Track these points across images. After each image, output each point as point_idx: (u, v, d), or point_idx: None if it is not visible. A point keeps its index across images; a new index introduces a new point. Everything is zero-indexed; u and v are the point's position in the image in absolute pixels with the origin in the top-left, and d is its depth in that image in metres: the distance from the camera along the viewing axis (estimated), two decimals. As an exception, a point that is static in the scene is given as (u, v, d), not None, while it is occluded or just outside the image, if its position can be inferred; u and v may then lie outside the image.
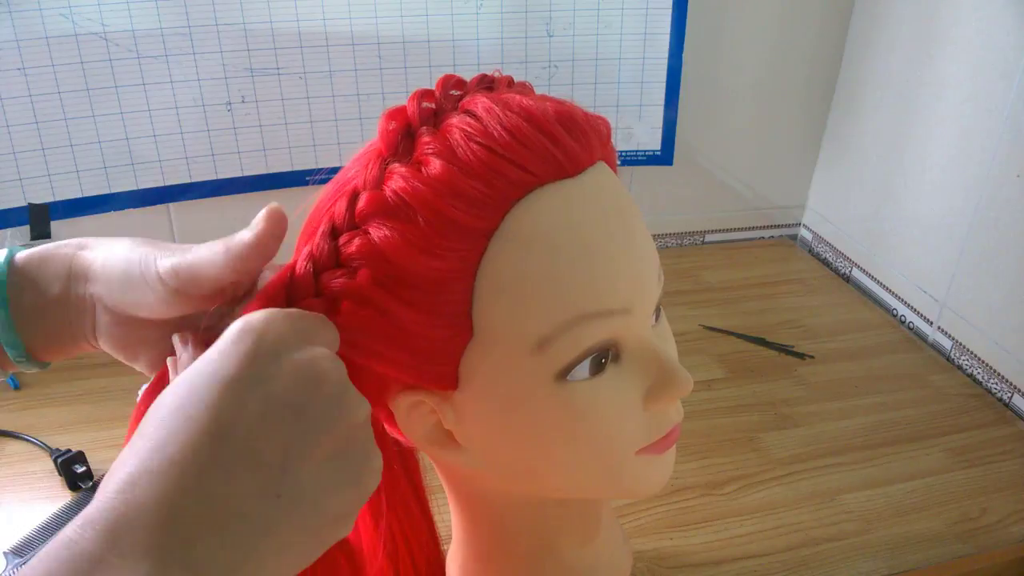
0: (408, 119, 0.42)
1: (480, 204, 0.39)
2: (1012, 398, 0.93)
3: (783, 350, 1.02)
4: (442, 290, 0.40)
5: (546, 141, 0.40)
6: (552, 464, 0.45)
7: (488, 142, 0.39)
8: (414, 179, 0.39)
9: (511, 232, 0.40)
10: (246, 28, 0.98)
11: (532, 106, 0.41)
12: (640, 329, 0.44)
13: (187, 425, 0.31)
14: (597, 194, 0.42)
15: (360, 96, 1.05)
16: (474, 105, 0.41)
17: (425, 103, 0.42)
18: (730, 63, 1.18)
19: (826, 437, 0.87)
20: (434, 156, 0.39)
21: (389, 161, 0.41)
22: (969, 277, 0.99)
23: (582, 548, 0.56)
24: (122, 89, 0.97)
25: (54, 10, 0.91)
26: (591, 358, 0.42)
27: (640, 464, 0.46)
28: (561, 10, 1.06)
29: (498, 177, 0.39)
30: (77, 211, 1.00)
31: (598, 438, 0.44)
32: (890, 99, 1.11)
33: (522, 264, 0.40)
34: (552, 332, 0.40)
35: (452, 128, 0.40)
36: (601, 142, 0.44)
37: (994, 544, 0.74)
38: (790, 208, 1.33)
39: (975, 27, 0.96)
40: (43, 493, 0.77)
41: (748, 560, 0.71)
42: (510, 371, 0.41)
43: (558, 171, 0.41)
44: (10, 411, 0.88)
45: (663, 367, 0.44)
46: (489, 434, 0.44)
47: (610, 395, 0.43)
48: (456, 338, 0.41)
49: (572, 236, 0.41)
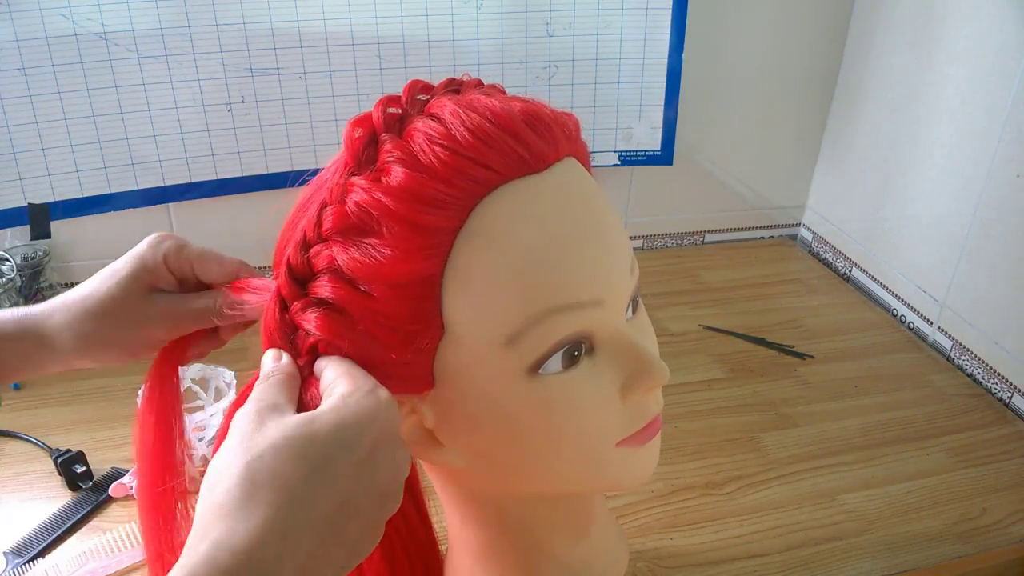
0: (373, 126, 0.42)
1: (443, 205, 0.39)
2: (1012, 398, 0.93)
3: (783, 350, 1.02)
4: (410, 291, 0.40)
5: (509, 139, 0.40)
6: (532, 458, 0.45)
7: (451, 144, 0.40)
8: (375, 190, 0.40)
9: (476, 229, 0.40)
10: (246, 28, 0.98)
11: (496, 106, 0.41)
12: (614, 321, 0.44)
13: (322, 493, 0.35)
14: (564, 188, 0.42)
15: (360, 96, 1.05)
16: (439, 108, 0.42)
17: (391, 109, 0.43)
18: (730, 63, 1.18)
19: (826, 437, 0.87)
20: (396, 163, 0.40)
21: (353, 171, 0.42)
22: (969, 277, 0.99)
23: (575, 545, 0.56)
24: (122, 89, 0.97)
25: (54, 10, 0.91)
26: (563, 351, 0.42)
27: (621, 456, 0.46)
28: (561, 10, 1.06)
29: (461, 177, 0.40)
30: (77, 211, 1.00)
31: (575, 431, 0.44)
32: (890, 99, 1.11)
33: (488, 260, 0.40)
34: (521, 327, 0.41)
35: (415, 132, 0.41)
36: (568, 138, 0.44)
37: (994, 544, 0.74)
38: (790, 208, 1.33)
39: (975, 27, 0.96)
40: (43, 493, 0.77)
41: (748, 560, 0.71)
42: (482, 367, 0.42)
43: (522, 167, 0.41)
44: (10, 411, 0.88)
45: (639, 358, 0.44)
46: (468, 431, 0.45)
47: (585, 388, 0.43)
48: (428, 337, 0.41)
49: (537, 230, 0.41)
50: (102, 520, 0.74)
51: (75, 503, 0.75)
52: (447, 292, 0.40)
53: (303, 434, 0.36)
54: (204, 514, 0.35)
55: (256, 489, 0.34)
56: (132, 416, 0.78)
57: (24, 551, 0.70)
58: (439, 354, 0.42)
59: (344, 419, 0.37)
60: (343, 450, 0.36)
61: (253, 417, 0.37)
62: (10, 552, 0.70)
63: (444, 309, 0.41)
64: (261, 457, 0.35)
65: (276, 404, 0.39)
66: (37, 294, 1.03)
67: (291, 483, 0.34)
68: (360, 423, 0.37)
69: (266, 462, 0.35)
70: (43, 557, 0.70)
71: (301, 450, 0.35)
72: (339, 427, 0.36)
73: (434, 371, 0.42)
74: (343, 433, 0.36)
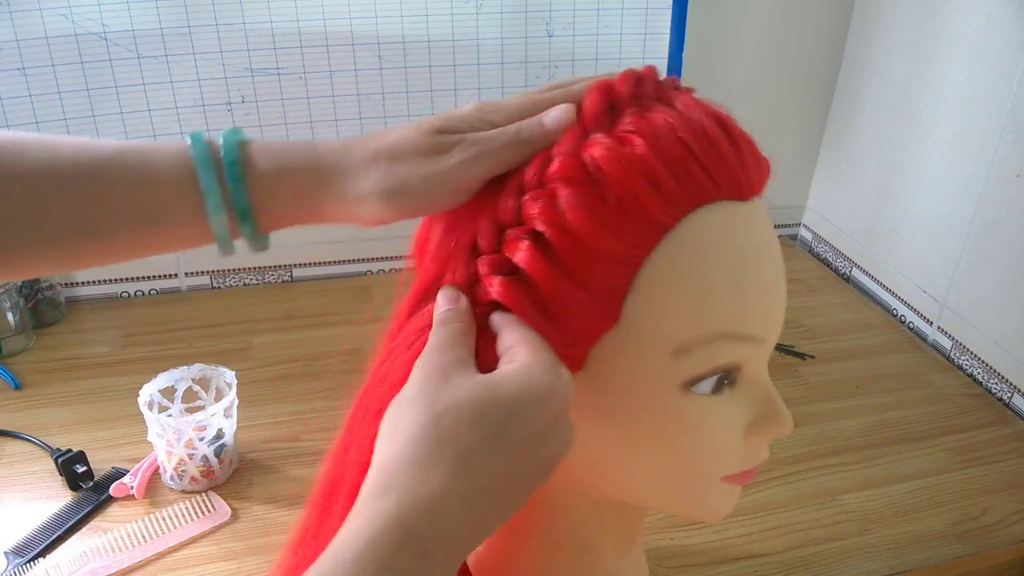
0: (615, 96, 0.42)
1: (669, 199, 0.39)
2: (1012, 398, 0.93)
3: (783, 350, 1.02)
4: (606, 271, 0.40)
5: (736, 158, 0.41)
6: (642, 467, 0.45)
7: (689, 139, 0.40)
8: (616, 151, 0.39)
9: (684, 235, 0.40)
10: (246, 28, 0.98)
11: (726, 119, 0.42)
12: (761, 361, 0.45)
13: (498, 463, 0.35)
14: (761, 224, 0.43)
15: (360, 96, 1.05)
16: (675, 101, 0.42)
17: (632, 87, 0.42)
18: (730, 63, 1.18)
19: (826, 437, 0.87)
20: (638, 136, 0.39)
21: (590, 131, 0.41)
22: (969, 277, 1.00)
23: (620, 559, 0.55)
24: (122, 89, 0.97)
25: (54, 10, 0.91)
26: (718, 377, 0.42)
27: (719, 490, 0.46)
28: (561, 10, 1.06)
29: (690, 178, 0.40)
30: (77, 211, 1.00)
31: (698, 454, 0.44)
32: (890, 99, 1.11)
33: (686, 269, 0.40)
34: (694, 341, 0.41)
35: (657, 115, 0.40)
36: (764, 179, 0.45)
37: (994, 544, 0.74)
38: (790, 208, 1.33)
39: (975, 27, 0.96)
40: (43, 493, 0.77)
41: (748, 560, 0.71)
42: (641, 368, 0.42)
43: (736, 191, 0.42)
44: (10, 411, 0.88)
45: (773, 403, 0.45)
46: (592, 424, 0.44)
47: (722, 416, 0.44)
48: (601, 321, 0.41)
49: (735, 257, 0.41)
50: (103, 520, 0.74)
51: (76, 503, 0.75)
52: (636, 286, 0.40)
53: (487, 399, 0.36)
54: (386, 463, 0.35)
55: (439, 448, 0.34)
56: (133, 416, 0.78)
57: (25, 551, 0.70)
58: (601, 341, 0.42)
59: (527, 391, 0.36)
60: (521, 422, 0.36)
61: (438, 369, 0.37)
62: (11, 552, 0.70)
63: (627, 301, 0.41)
64: (445, 415, 0.35)
65: (461, 358, 0.38)
66: (37, 294, 1.03)
67: (471, 449, 0.34)
68: (541, 399, 0.37)
69: (449, 422, 0.35)
70: (44, 557, 0.70)
71: (483, 415, 0.35)
72: (521, 399, 0.36)
73: (588, 356, 0.42)
74: (524, 407, 0.36)
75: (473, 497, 0.34)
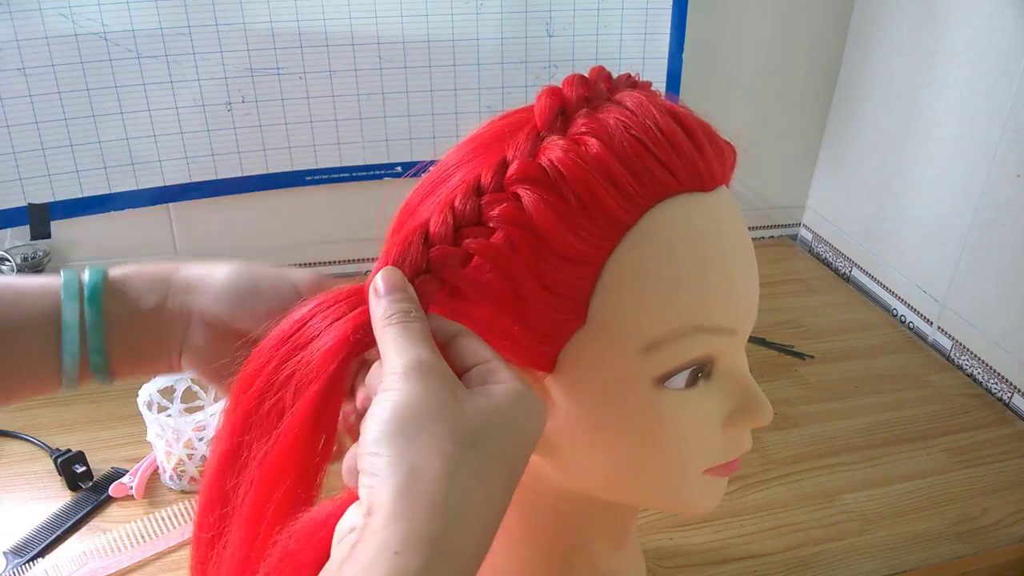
0: (564, 100, 0.42)
1: (628, 196, 0.39)
2: (1012, 398, 0.93)
3: (783, 350, 1.02)
4: (571, 271, 0.40)
5: (694, 150, 0.41)
6: (621, 464, 0.45)
7: (643, 136, 0.40)
8: (573, 152, 0.39)
9: (646, 231, 0.40)
10: (246, 28, 0.98)
11: (681, 112, 0.41)
12: (736, 352, 0.45)
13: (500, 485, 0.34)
14: (726, 213, 0.43)
15: (360, 96, 1.05)
16: (625, 99, 0.42)
17: (579, 90, 0.43)
18: (730, 63, 1.18)
19: (826, 437, 0.87)
20: (591, 136, 0.40)
21: (544, 135, 0.41)
22: (969, 277, 0.99)
23: (611, 556, 0.55)
24: (122, 89, 0.97)
25: (54, 10, 0.91)
26: (691, 370, 0.42)
27: (703, 483, 0.46)
28: (561, 10, 1.06)
29: (647, 174, 0.40)
30: (77, 211, 1.00)
31: (677, 448, 0.44)
32: (890, 99, 1.11)
33: (651, 265, 0.40)
34: (664, 336, 0.41)
35: (608, 115, 0.41)
36: (727, 167, 0.45)
37: (994, 544, 0.74)
38: (790, 208, 1.33)
39: (975, 27, 0.96)
40: (43, 493, 0.77)
41: (748, 560, 0.71)
42: (612, 366, 0.42)
43: (698, 183, 0.41)
44: (10, 411, 0.88)
45: (750, 393, 0.45)
46: (567, 424, 0.44)
47: (697, 410, 0.43)
48: (569, 322, 0.41)
49: (701, 248, 0.41)
50: (102, 520, 0.74)
51: (75, 503, 0.75)
52: (602, 285, 0.40)
53: (498, 423, 0.35)
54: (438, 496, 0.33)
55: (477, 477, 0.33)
56: (132, 416, 0.78)
57: (24, 551, 0.70)
58: (571, 342, 0.42)
59: (524, 415, 0.36)
60: (519, 444, 0.35)
61: (441, 384, 0.35)
62: (10, 552, 0.70)
63: (593, 300, 0.40)
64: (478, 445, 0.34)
65: (447, 372, 0.36)
66: (37, 294, 1.02)
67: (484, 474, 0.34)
68: (535, 423, 0.36)
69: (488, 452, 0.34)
70: (43, 557, 0.70)
71: (490, 437, 0.34)
72: (519, 427, 0.35)
73: (559, 357, 0.42)
74: (521, 434, 0.36)
75: (477, 520, 0.34)
